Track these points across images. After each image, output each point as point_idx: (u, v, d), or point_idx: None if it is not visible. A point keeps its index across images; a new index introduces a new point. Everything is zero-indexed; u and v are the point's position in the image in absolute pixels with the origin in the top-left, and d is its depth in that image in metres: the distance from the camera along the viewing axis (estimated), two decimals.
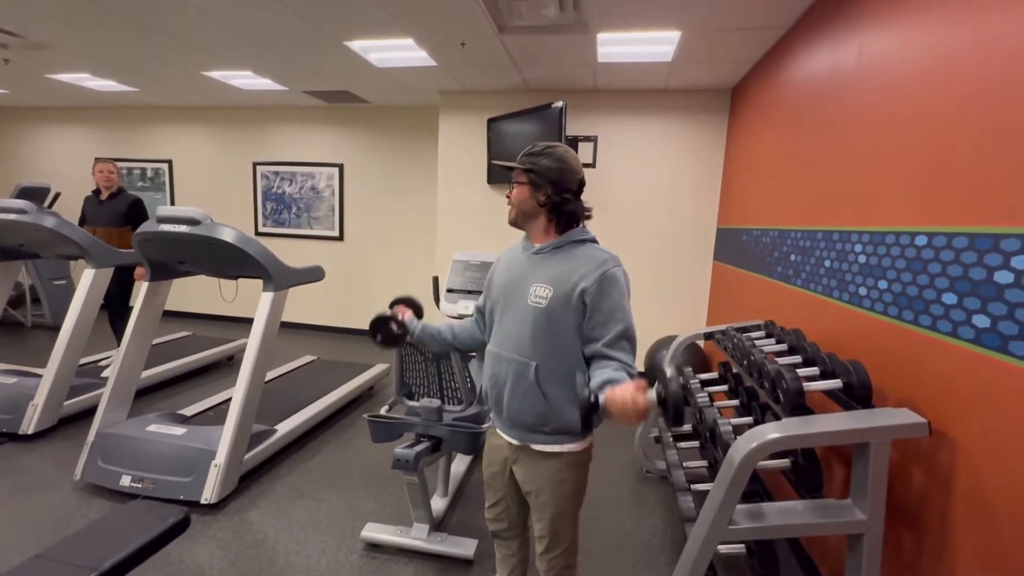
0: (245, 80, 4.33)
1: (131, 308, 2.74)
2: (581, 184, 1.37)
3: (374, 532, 2.10)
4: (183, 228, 2.33)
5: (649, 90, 4.04)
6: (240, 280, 2.89)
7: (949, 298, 1.32)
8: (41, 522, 2.17)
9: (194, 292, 5.95)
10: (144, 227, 2.40)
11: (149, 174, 5.88)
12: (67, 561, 1.31)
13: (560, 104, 3.67)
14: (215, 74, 4.19)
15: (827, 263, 2.03)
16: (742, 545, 1.72)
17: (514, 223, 1.40)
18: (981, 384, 1.20)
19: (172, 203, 5.91)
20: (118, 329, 3.83)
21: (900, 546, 1.46)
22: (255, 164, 5.56)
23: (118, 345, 2.97)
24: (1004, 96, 1.20)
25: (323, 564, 1.99)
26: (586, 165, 4.00)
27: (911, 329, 1.47)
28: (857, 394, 1.47)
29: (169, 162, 5.81)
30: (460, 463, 2.78)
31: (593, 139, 4.05)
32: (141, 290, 2.65)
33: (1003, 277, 1.15)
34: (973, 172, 1.28)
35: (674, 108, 4.05)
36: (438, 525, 2.23)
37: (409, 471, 1.89)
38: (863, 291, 1.74)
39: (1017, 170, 1.14)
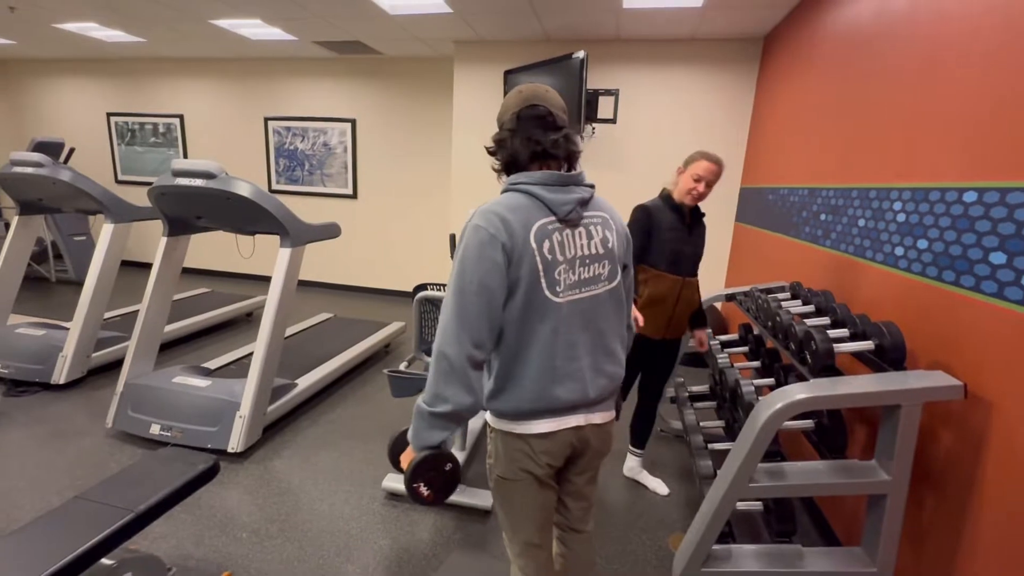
0: (254, 30, 4.19)
1: None
2: (518, 118, 1.09)
3: (395, 482, 2.16)
4: (199, 182, 2.30)
5: (675, 39, 3.82)
6: (257, 237, 2.89)
7: (997, 257, 1.25)
8: (76, 466, 2.27)
9: (212, 249, 6.01)
10: (160, 181, 2.38)
11: (161, 129, 5.82)
12: (105, 502, 1.37)
13: (581, 55, 3.49)
14: (223, 23, 4.05)
15: (861, 222, 1.94)
16: (759, 503, 1.73)
17: None
18: None
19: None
20: None
21: (921, 507, 1.46)
22: (266, 119, 5.46)
23: None
24: None
25: (347, 511, 2.06)
26: (606, 120, 3.86)
27: (950, 290, 1.41)
28: (890, 356, 1.43)
29: (181, 117, 5.73)
30: (478, 418, 2.82)
31: (614, 93, 3.87)
32: (160, 245, 2.66)
33: None
34: None
35: (701, 59, 3.84)
36: None
37: None
38: (900, 251, 1.67)
39: None
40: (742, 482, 1.37)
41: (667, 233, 2.03)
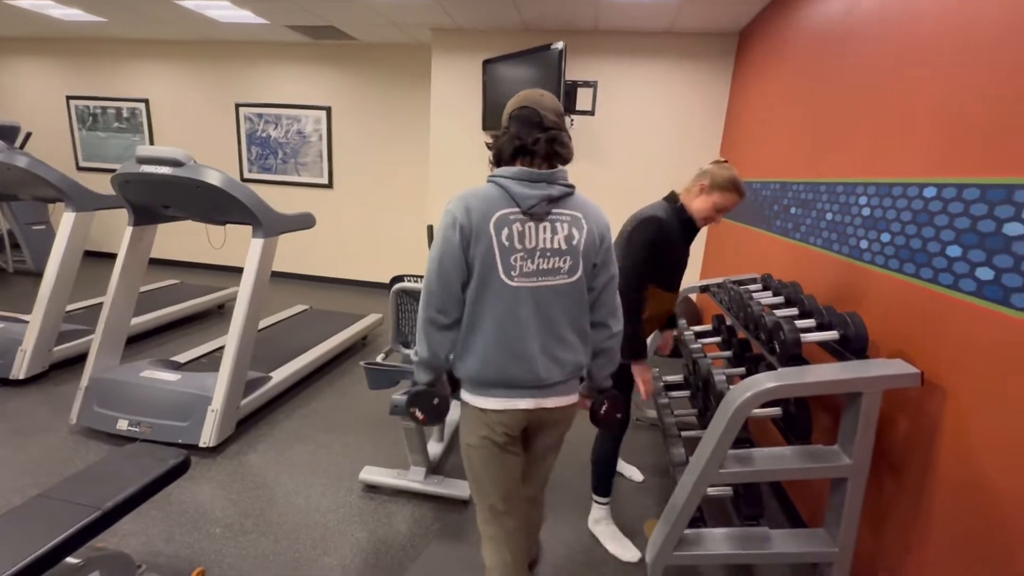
0: (223, 11, 4.04)
1: None
2: (511, 118, 1.22)
3: (372, 475, 2.15)
4: (165, 170, 2.22)
5: (653, 32, 3.84)
6: (229, 227, 2.81)
7: (954, 251, 1.31)
8: (39, 464, 2.19)
9: (181, 239, 5.83)
10: (124, 168, 2.29)
11: (125, 114, 5.59)
12: (69, 500, 1.33)
13: (559, 45, 3.48)
14: (189, 3, 3.90)
15: (829, 216, 2.00)
16: (729, 488, 1.79)
17: None
18: (977, 336, 1.21)
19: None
20: None
21: (880, 490, 1.53)
22: (237, 105, 5.29)
23: None
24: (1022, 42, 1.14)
25: (323, 504, 2.05)
26: (584, 112, 3.87)
27: (911, 282, 1.47)
28: (853, 346, 1.49)
29: (146, 102, 5.51)
30: (456, 410, 2.83)
31: (593, 84, 3.88)
32: (125, 235, 2.57)
33: (1013, 229, 1.13)
34: (990, 121, 1.24)
35: (678, 53, 3.87)
36: (434, 468, 2.29)
37: (406, 417, 1.92)
38: (864, 244, 1.72)
39: None
40: (713, 468, 1.42)
41: (677, 252, 1.77)
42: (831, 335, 1.57)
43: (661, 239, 1.67)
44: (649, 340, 2.37)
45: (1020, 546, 1.06)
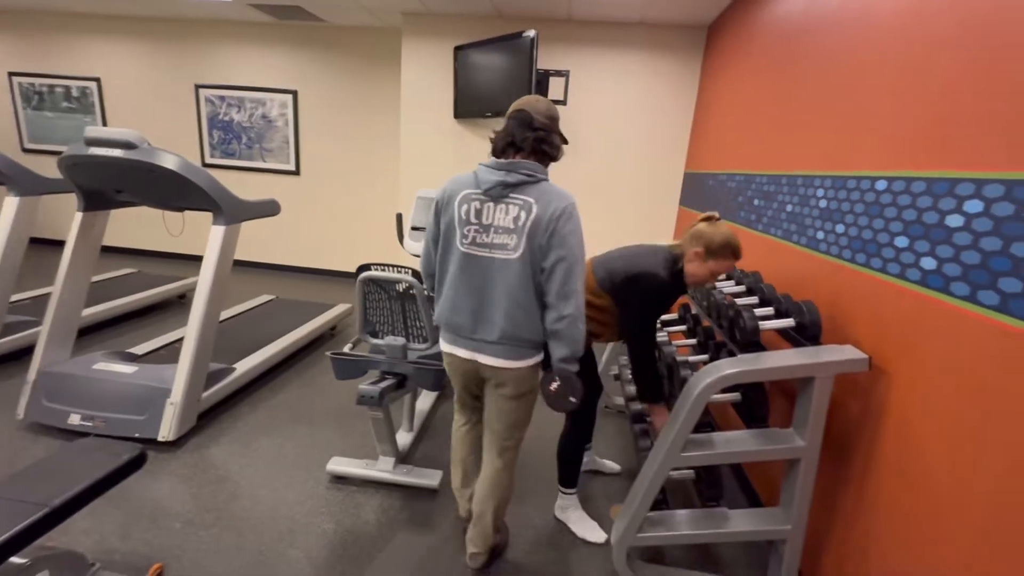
0: None
1: None
2: (508, 117, 1.49)
3: (340, 465, 2.13)
4: (117, 152, 2.11)
5: (625, 23, 3.86)
6: (189, 214, 2.70)
7: (901, 241, 1.37)
8: None
9: (138, 226, 5.59)
10: (71, 150, 2.17)
11: (75, 93, 5.29)
12: (15, 498, 1.27)
13: (532, 34, 3.46)
14: None
15: (789, 207, 2.07)
16: (691, 471, 1.84)
17: None
18: (920, 322, 1.28)
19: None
20: None
21: (831, 469, 1.60)
22: (197, 87, 5.07)
23: None
24: (970, 44, 1.19)
25: (290, 497, 2.02)
26: (557, 102, 3.87)
27: (861, 271, 1.53)
28: (808, 333, 1.55)
29: (97, 80, 5.22)
30: (425, 399, 2.82)
31: (565, 74, 3.88)
32: (75, 221, 2.44)
33: (954, 221, 1.19)
34: (937, 117, 1.29)
35: (650, 45, 3.90)
36: (404, 458, 2.28)
37: (374, 407, 1.90)
38: (820, 235, 1.79)
39: (978, 115, 1.16)
40: (675, 452, 1.46)
41: (669, 304, 1.74)
42: (788, 323, 1.63)
43: (660, 298, 1.68)
44: (609, 347, 2.41)
45: (953, 522, 1.13)
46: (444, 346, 1.57)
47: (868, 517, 1.41)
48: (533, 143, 1.41)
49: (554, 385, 1.42)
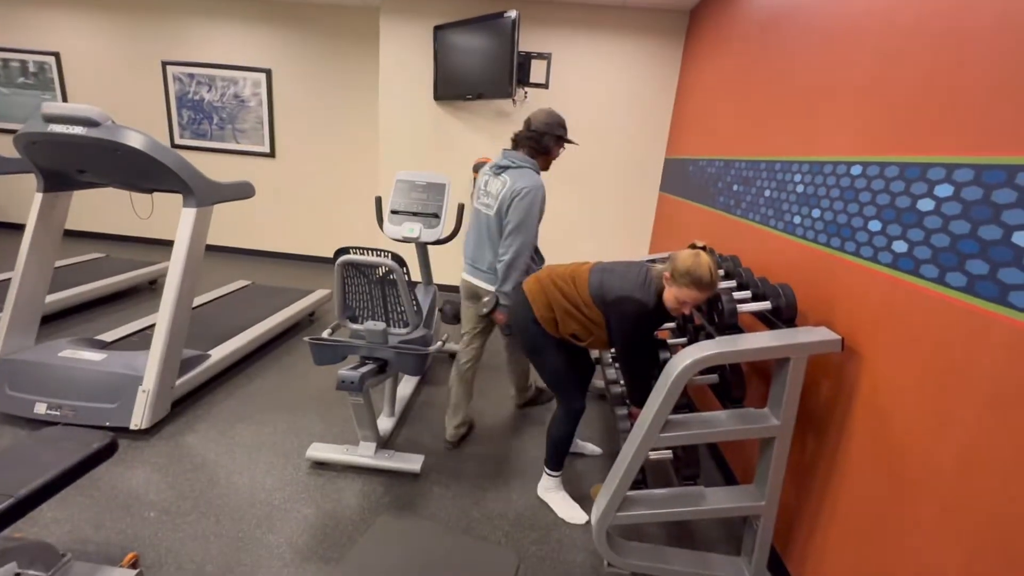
0: None
1: None
2: (525, 122, 2.11)
3: (320, 451, 2.11)
4: (78, 130, 2.02)
5: (607, 5, 3.82)
6: (160, 197, 2.60)
7: (874, 225, 1.40)
8: None
9: (106, 210, 5.38)
10: (28, 127, 2.06)
11: (32, 68, 5.01)
12: None
13: (513, 14, 3.40)
14: None
15: (767, 193, 2.09)
16: (670, 452, 1.88)
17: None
18: (891, 304, 1.31)
19: None
20: None
21: (804, 447, 1.65)
22: (164, 64, 4.86)
23: None
24: (942, 32, 1.21)
25: (268, 483, 2.00)
26: (538, 85, 3.82)
27: (836, 255, 1.56)
28: (784, 315, 1.58)
29: (56, 55, 4.95)
30: (407, 385, 2.81)
31: (547, 56, 3.83)
32: (35, 202, 2.33)
33: (925, 205, 1.22)
34: (909, 102, 1.32)
35: (632, 28, 3.87)
36: (385, 443, 2.27)
37: (354, 392, 1.88)
38: (797, 219, 1.82)
39: (950, 101, 1.18)
40: (654, 432, 1.48)
41: (655, 327, 1.77)
42: (764, 306, 1.66)
43: (642, 322, 1.66)
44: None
45: (917, 494, 1.18)
46: (462, 275, 2.23)
47: (837, 492, 1.47)
48: (526, 141, 2.03)
49: (494, 309, 2.04)
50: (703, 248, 1.63)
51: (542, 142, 2.01)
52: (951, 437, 1.11)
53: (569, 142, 2.09)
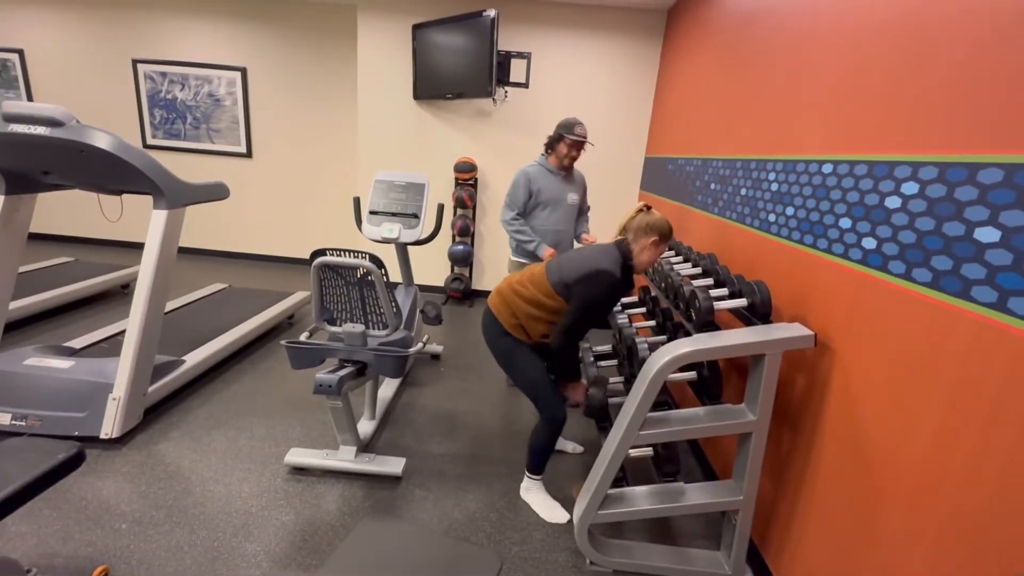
0: None
1: None
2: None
3: (298, 457, 2.08)
4: (41, 130, 1.95)
5: (586, 5, 3.83)
6: (130, 199, 2.53)
7: (845, 223, 1.42)
8: None
9: (75, 212, 5.22)
10: None
11: None
12: None
13: (492, 13, 3.39)
14: None
15: (743, 191, 2.12)
16: (650, 449, 1.89)
17: (571, 165, 2.60)
18: (861, 300, 1.34)
19: None
20: None
21: (780, 442, 1.68)
22: (135, 62, 4.74)
23: None
24: (907, 35, 1.24)
25: (245, 490, 1.96)
26: (518, 84, 3.82)
27: (809, 252, 1.59)
28: (759, 312, 1.60)
29: (20, 52, 4.79)
30: (388, 387, 2.78)
31: (527, 56, 3.83)
32: None
33: (892, 202, 1.25)
34: (878, 102, 1.35)
35: (611, 27, 3.89)
36: (365, 447, 2.25)
37: (332, 395, 1.86)
38: (772, 217, 1.84)
39: (916, 100, 1.21)
40: (633, 430, 1.49)
41: (619, 298, 1.83)
42: (741, 303, 1.68)
43: (612, 292, 1.72)
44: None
45: (887, 485, 1.21)
46: None
47: (812, 484, 1.49)
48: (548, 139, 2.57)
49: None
50: (646, 208, 1.80)
51: (549, 141, 2.58)
52: (919, 429, 1.13)
53: (569, 139, 2.48)
